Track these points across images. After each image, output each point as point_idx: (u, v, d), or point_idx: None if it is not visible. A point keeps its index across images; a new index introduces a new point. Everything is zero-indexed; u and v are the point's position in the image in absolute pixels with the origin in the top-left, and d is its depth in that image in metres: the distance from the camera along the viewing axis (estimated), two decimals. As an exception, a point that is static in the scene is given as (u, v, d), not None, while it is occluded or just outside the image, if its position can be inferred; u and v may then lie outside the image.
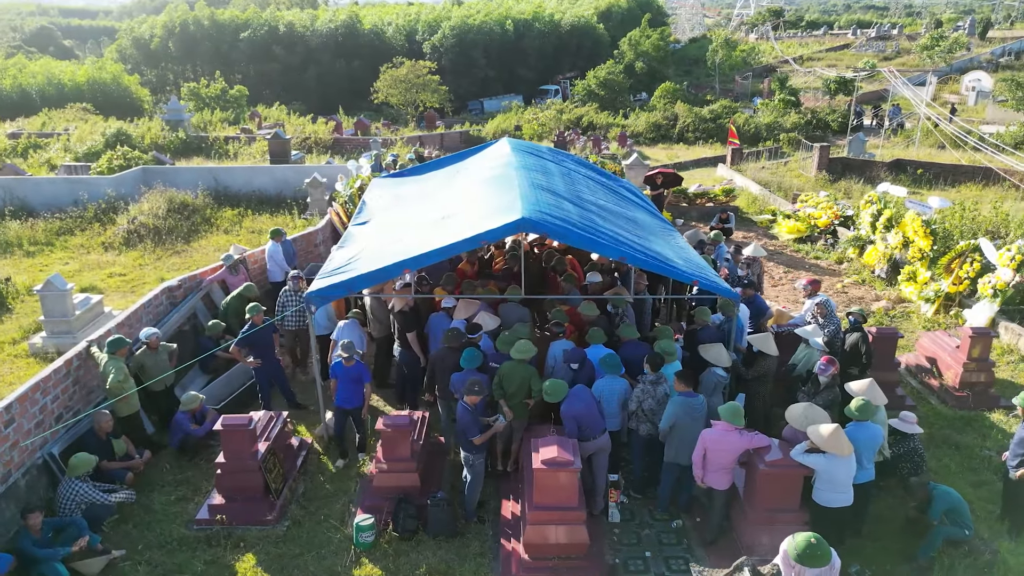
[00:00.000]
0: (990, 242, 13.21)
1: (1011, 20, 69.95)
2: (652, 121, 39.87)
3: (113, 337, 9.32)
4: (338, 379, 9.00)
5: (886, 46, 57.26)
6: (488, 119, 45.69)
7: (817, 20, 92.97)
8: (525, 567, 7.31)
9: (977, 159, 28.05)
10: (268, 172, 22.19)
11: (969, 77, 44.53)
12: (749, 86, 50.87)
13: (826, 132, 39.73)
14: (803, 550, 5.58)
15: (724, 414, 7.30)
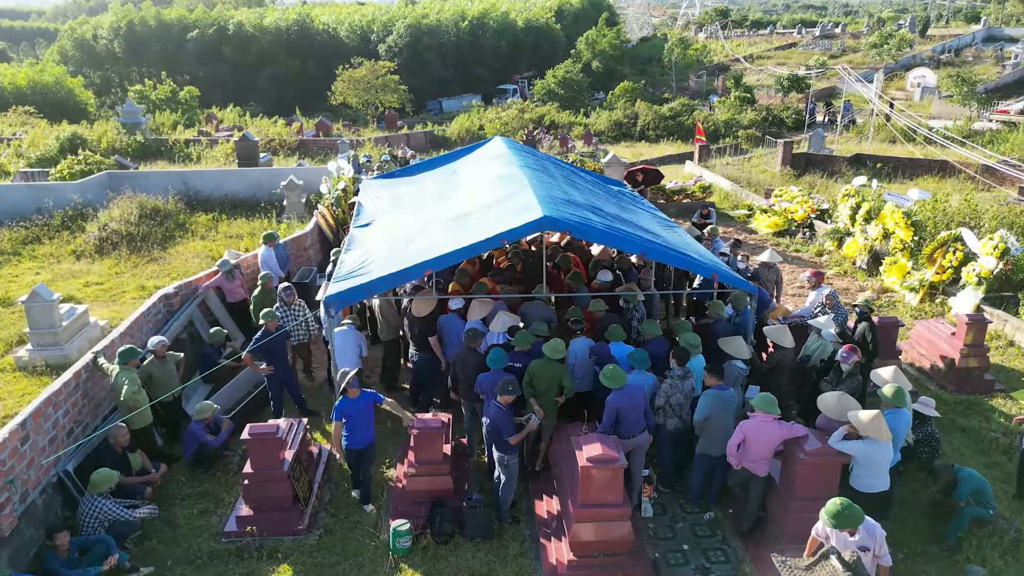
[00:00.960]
0: (971, 231, 13.71)
1: (945, 19, 72.61)
2: (614, 119, 40.32)
3: (125, 347, 9.01)
4: (345, 418, 8.02)
5: (832, 44, 58.89)
6: (448, 119, 45.57)
7: (761, 19, 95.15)
8: (571, 565, 7.31)
9: (929, 152, 29.09)
10: (240, 175, 21.70)
11: (914, 74, 46.11)
12: (704, 84, 51.74)
13: (781, 128, 40.70)
14: (835, 513, 5.87)
15: (759, 404, 7.41)
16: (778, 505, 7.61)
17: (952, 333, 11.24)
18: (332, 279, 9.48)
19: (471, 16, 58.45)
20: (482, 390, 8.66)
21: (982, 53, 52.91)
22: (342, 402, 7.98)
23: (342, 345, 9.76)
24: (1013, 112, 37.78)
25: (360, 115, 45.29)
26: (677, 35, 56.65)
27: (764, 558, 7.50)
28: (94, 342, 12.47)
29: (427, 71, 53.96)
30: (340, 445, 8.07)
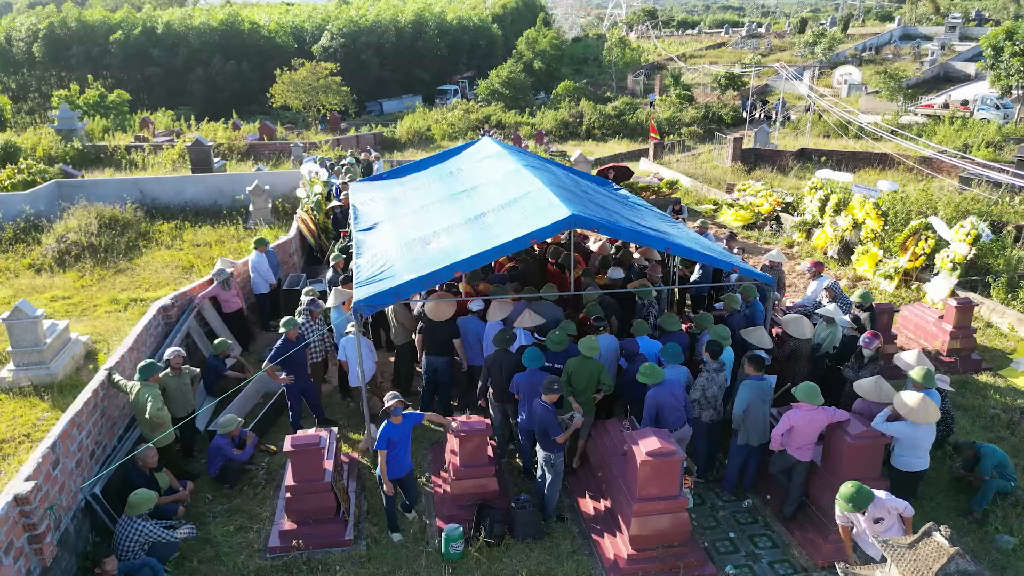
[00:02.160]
0: (940, 219, 14.44)
1: (861, 19, 75.96)
2: (560, 119, 40.70)
3: (146, 362, 8.64)
4: (390, 445, 7.63)
5: (759, 44, 60.85)
6: (390, 120, 45.14)
7: (687, 20, 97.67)
8: (631, 559, 7.39)
9: (869, 145, 30.46)
10: (200, 181, 20.98)
11: (840, 71, 48.12)
12: (642, 83, 52.73)
13: (720, 125, 41.90)
14: (852, 497, 6.25)
15: (803, 396, 7.63)
16: (823, 489, 7.86)
17: (940, 317, 11.82)
18: (355, 284, 9.27)
19: (408, 16, 57.98)
20: (518, 390, 8.68)
21: (901, 50, 55.65)
22: (387, 429, 7.64)
23: (352, 352, 9.62)
24: (937, 106, 39.89)
25: (301, 117, 44.36)
26: (616, 35, 57.46)
27: (811, 541, 7.77)
28: (79, 359, 11.96)
29: (365, 72, 53.24)
30: (386, 475, 7.74)
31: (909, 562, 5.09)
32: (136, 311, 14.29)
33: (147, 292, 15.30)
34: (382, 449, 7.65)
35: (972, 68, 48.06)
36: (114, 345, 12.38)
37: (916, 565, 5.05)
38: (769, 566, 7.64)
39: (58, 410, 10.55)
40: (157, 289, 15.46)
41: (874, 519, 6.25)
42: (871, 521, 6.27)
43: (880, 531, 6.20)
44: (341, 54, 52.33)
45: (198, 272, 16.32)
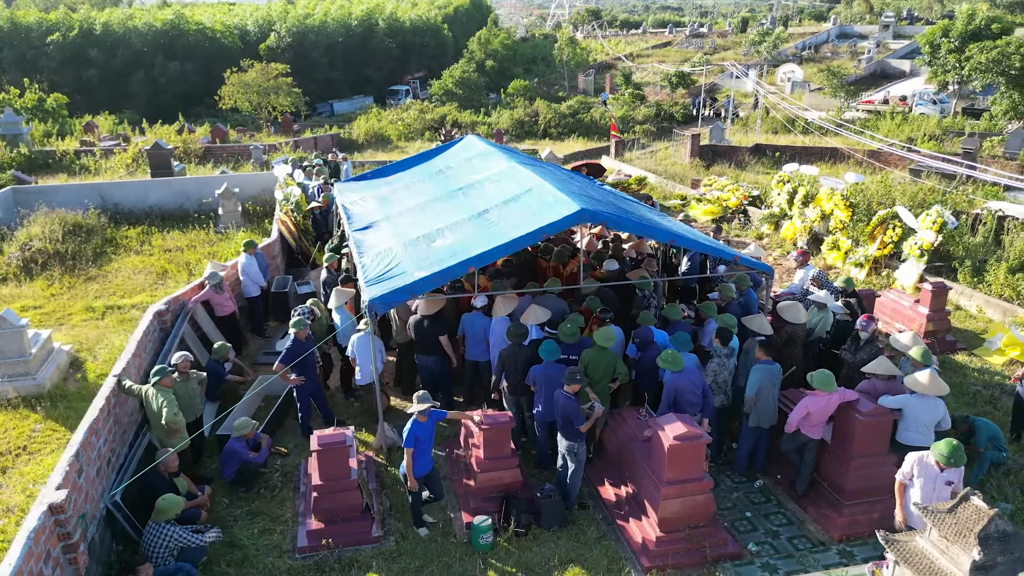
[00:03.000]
0: (906, 209, 15.12)
1: (798, 19, 78.32)
2: (516, 118, 40.84)
3: (159, 366, 8.49)
4: (416, 443, 7.71)
5: (703, 43, 62.21)
6: (343, 121, 44.68)
7: (628, 19, 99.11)
8: (660, 541, 7.61)
9: (819, 140, 31.50)
10: (164, 185, 20.50)
11: (783, 69, 49.52)
12: (592, 82, 53.34)
13: (672, 123, 42.69)
14: (951, 452, 6.50)
15: (819, 384, 7.94)
16: (834, 465, 8.21)
17: (916, 301, 12.41)
18: (365, 283, 9.27)
19: (358, 16, 57.36)
20: (534, 382, 8.83)
21: (838, 49, 57.59)
22: (415, 427, 7.67)
23: (364, 350, 9.63)
24: (877, 102, 41.45)
25: (251, 119, 43.53)
26: (566, 35, 57.98)
27: (825, 516, 8.12)
28: (63, 369, 11.66)
29: (314, 73, 52.46)
30: (412, 473, 7.79)
31: (950, 525, 5.42)
32: (115, 319, 13.96)
33: (123, 299, 14.94)
34: (410, 447, 7.69)
35: (907, 65, 50.05)
36: (101, 354, 12.14)
37: (958, 528, 5.38)
38: (788, 542, 7.96)
39: (52, 421, 10.29)
40: (132, 296, 15.11)
41: (947, 481, 6.59)
42: (944, 482, 6.60)
43: (948, 493, 6.53)
44: (289, 54, 51.49)
45: (173, 278, 16.01)
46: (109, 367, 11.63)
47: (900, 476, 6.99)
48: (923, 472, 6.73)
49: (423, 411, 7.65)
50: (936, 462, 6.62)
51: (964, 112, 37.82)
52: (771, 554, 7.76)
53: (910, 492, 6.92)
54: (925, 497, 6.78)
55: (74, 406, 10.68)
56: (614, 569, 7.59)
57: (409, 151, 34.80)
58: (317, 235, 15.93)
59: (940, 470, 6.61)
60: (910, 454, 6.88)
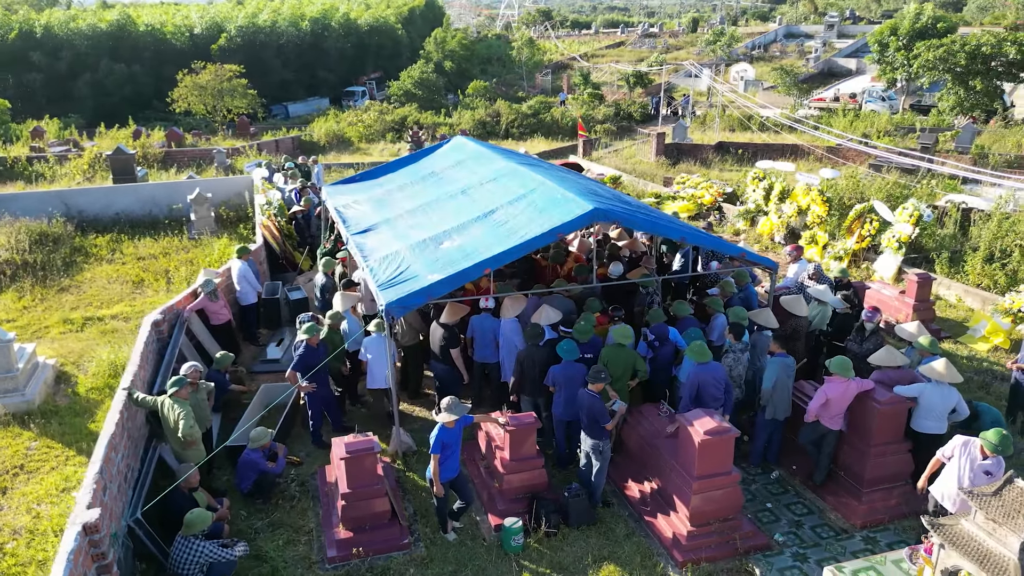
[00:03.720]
0: (882, 203, 15.59)
1: (744, 18, 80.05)
2: (477, 118, 40.79)
3: (176, 376, 8.26)
4: (443, 448, 7.58)
5: (656, 43, 63.08)
6: (299, 123, 44.05)
7: (578, 20, 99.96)
8: (691, 536, 7.70)
9: (780, 137, 32.24)
10: (131, 192, 19.88)
11: (736, 68, 50.52)
12: (550, 82, 53.60)
13: (631, 122, 43.21)
14: (1001, 440, 6.69)
15: (837, 369, 8.14)
16: (852, 454, 8.42)
17: (901, 292, 12.81)
18: (379, 287, 9.15)
19: (310, 16, 56.47)
20: (554, 382, 8.85)
21: (786, 48, 59.01)
22: (442, 433, 7.58)
23: (379, 353, 9.54)
24: (828, 99, 42.60)
25: (205, 122, 42.54)
26: (524, 35, 58.13)
27: (845, 504, 8.33)
28: (50, 384, 11.26)
29: (268, 74, 51.47)
30: (439, 478, 7.71)
31: (997, 508, 5.61)
32: (95, 330, 13.52)
33: (100, 310, 14.48)
34: (437, 453, 7.62)
35: (853, 63, 51.62)
36: (90, 367, 11.73)
37: (1004, 510, 5.57)
38: (812, 531, 8.14)
39: (47, 438, 9.92)
40: (110, 306, 14.66)
41: (985, 471, 6.76)
42: (983, 472, 6.78)
43: (986, 483, 6.71)
44: (241, 56, 50.39)
45: (150, 287, 15.57)
46: (101, 381, 11.32)
47: (940, 453, 7.18)
48: (964, 455, 6.91)
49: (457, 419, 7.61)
50: (981, 448, 6.80)
51: (912, 108, 39.15)
52: (798, 543, 7.92)
53: (945, 471, 7.11)
54: (958, 481, 6.98)
55: (68, 422, 10.33)
56: (648, 565, 7.66)
57: (372, 153, 34.52)
58: (301, 240, 15.66)
59: (984, 458, 6.80)
60: (957, 436, 7.09)
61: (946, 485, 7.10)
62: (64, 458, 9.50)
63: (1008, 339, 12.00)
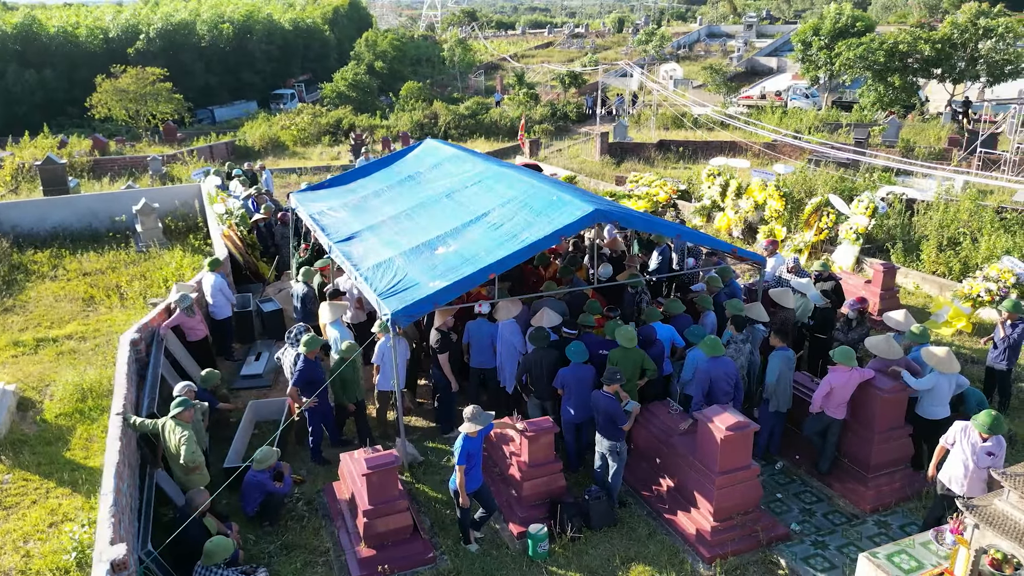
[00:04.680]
0: (837, 196, 16.17)
1: (666, 19, 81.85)
2: (415, 120, 40.36)
3: (180, 399, 7.82)
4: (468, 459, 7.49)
5: (584, 43, 63.83)
6: (229, 128, 42.67)
7: (502, 20, 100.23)
8: (715, 531, 7.79)
9: (716, 134, 33.10)
10: (67, 204, 18.83)
11: (665, 67, 51.56)
12: (482, 83, 53.53)
13: (567, 122, 43.59)
14: (992, 422, 6.95)
15: (841, 358, 8.38)
16: (856, 441, 8.68)
17: (867, 281, 13.30)
18: (380, 296, 8.91)
19: (231, 17, 54.62)
20: (563, 384, 8.82)
21: (710, 48, 60.62)
22: (467, 442, 7.46)
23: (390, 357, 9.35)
24: (755, 97, 43.98)
25: (128, 128, 40.70)
26: (455, 36, 57.83)
27: (853, 490, 8.58)
28: (14, 413, 10.56)
29: (190, 78, 49.59)
30: (465, 489, 7.57)
31: (1030, 486, 5.87)
32: (50, 352, 12.75)
33: (52, 330, 13.67)
34: (462, 464, 7.48)
35: (774, 62, 53.45)
36: (56, 392, 11.04)
37: (1038, 488, 5.83)
38: (824, 518, 8.36)
39: (21, 470, 9.29)
40: (62, 326, 13.86)
41: (988, 452, 7.04)
42: (985, 453, 7.05)
43: (990, 463, 6.99)
44: (162, 59, 48.43)
45: (102, 304, 14.78)
46: (69, 406, 10.71)
47: (943, 441, 7.45)
48: (965, 441, 7.19)
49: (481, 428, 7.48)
50: (979, 433, 7.08)
51: (834, 104, 40.79)
52: (814, 532, 8.12)
53: (950, 457, 7.39)
54: (963, 465, 7.24)
55: (41, 452, 9.70)
56: (675, 563, 7.70)
57: (311, 158, 33.73)
58: (264, 249, 15.14)
59: (983, 440, 7.10)
60: (956, 422, 7.37)
61: (953, 470, 7.37)
62: (44, 491, 8.91)
63: (970, 323, 12.62)
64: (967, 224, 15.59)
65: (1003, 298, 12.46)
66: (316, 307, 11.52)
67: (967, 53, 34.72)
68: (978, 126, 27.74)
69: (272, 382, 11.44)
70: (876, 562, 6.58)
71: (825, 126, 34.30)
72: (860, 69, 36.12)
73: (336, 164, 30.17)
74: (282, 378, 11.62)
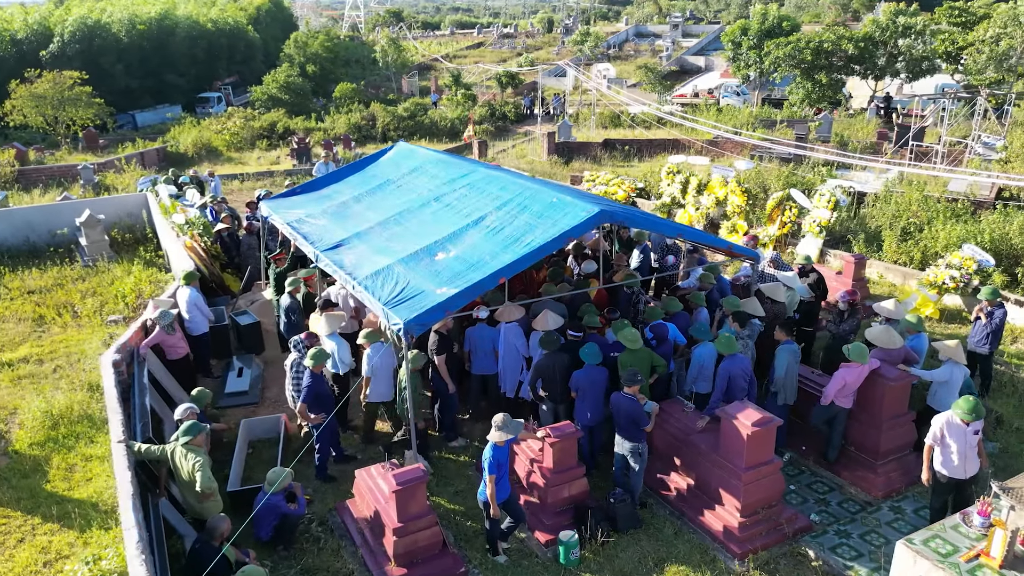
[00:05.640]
0: (798, 191, 16.62)
1: (592, 19, 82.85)
2: (352, 122, 39.62)
3: (189, 422, 7.38)
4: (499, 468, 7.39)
5: (516, 43, 63.99)
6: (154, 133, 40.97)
7: (428, 20, 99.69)
8: (743, 526, 7.85)
9: (659, 132, 33.66)
10: (3, 218, 17.64)
11: (597, 67, 52.17)
12: (416, 84, 53.00)
13: (506, 122, 43.59)
14: (972, 408, 7.22)
15: (855, 356, 8.53)
16: (864, 429, 8.90)
17: (838, 272, 13.71)
18: (388, 305, 8.62)
19: (147, 17, 52.32)
20: (578, 387, 8.75)
21: (639, 47, 61.68)
22: (497, 452, 7.30)
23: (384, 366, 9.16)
24: (689, 95, 44.95)
25: (44, 135, 38.57)
26: (387, 36, 56.96)
27: (862, 478, 8.80)
28: (-23, 442, 9.77)
29: (109, 81, 47.29)
30: (495, 499, 7.40)
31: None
32: (6, 377, 11.91)
33: (3, 353, 12.77)
34: (493, 474, 7.32)
35: (702, 61, 54.81)
36: (26, 420, 10.29)
37: (1073, 467, 6.08)
38: (840, 507, 8.54)
39: (6, 508, 8.58)
40: (14, 348, 13.00)
41: (974, 431, 7.31)
42: (972, 433, 7.32)
43: (977, 438, 7.27)
44: (78, 62, 46.02)
45: (55, 323, 13.88)
46: (41, 434, 10.04)
47: (930, 439, 7.63)
48: (952, 432, 7.45)
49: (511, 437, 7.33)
50: (962, 420, 7.35)
51: (764, 102, 42.08)
52: (833, 521, 8.28)
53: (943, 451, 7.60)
54: (960, 452, 7.52)
55: (18, 485, 9.03)
56: (706, 560, 7.73)
57: (248, 163, 32.64)
58: (228, 260, 14.51)
59: (966, 425, 7.36)
60: (936, 417, 7.57)
61: (950, 460, 7.58)
62: (30, 527, 8.27)
63: (937, 310, 13.16)
64: (916, 215, 16.28)
65: (967, 284, 13.07)
66: (301, 319, 11.12)
67: (887, 50, 36.35)
68: (907, 120, 29.02)
69: (259, 398, 10.97)
70: (915, 548, 6.72)
71: (760, 123, 35.36)
72: (789, 67, 37.39)
73: (279, 169, 29.31)
74: (269, 394, 11.24)
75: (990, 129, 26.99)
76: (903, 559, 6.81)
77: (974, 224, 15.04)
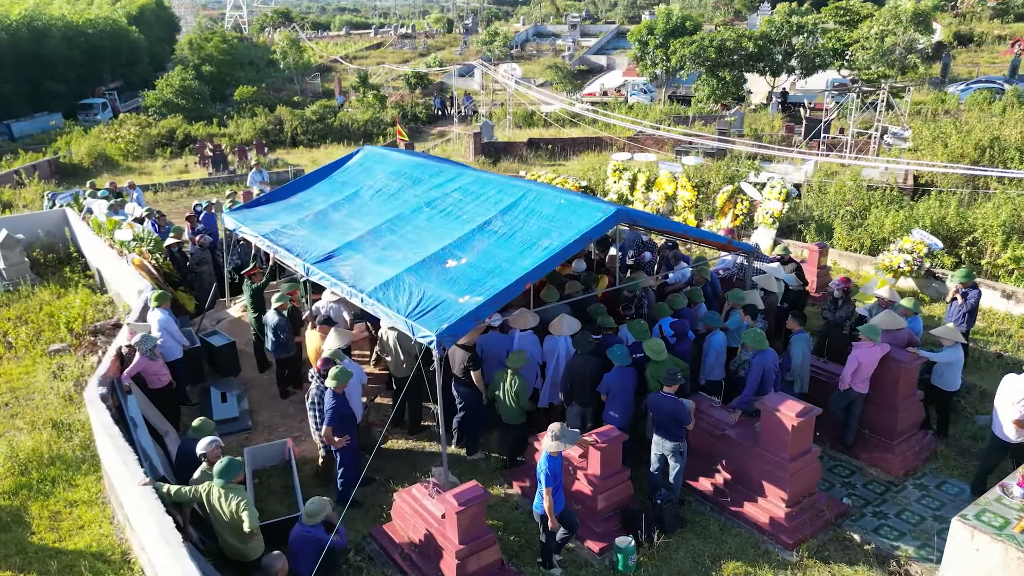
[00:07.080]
0: (748, 184, 17.14)
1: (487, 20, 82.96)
2: (259, 126, 38.01)
3: (227, 460, 6.71)
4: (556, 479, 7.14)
5: (416, 44, 63.21)
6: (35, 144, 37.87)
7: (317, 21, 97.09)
8: (790, 516, 7.94)
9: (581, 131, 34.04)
10: (-100, 239, 15.74)
11: (504, 67, 52.24)
12: (319, 85, 51.43)
13: (417, 123, 43.00)
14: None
15: (868, 333, 8.84)
16: (879, 411, 9.20)
17: (803, 261, 14.20)
18: (410, 317, 8.19)
19: (14, 19, 48.23)
20: (608, 390, 8.64)
21: (541, 47, 62.23)
22: (552, 463, 7.07)
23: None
24: (598, 94, 45.70)
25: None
26: (287, 37, 54.82)
27: (881, 459, 9.11)
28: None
29: (-28, 89, 43.42)
30: (553, 511, 7.17)
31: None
32: (-53, 418, 10.60)
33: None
34: (550, 486, 7.10)
35: (604, 59, 55.84)
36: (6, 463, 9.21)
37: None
38: (866, 488, 8.80)
39: (-10, 559, 7.63)
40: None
41: (1015, 400, 7.70)
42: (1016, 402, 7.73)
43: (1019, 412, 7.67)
44: (-60, 68, 42.02)
45: (-12, 356, 12.53)
46: (11, 481, 9.03)
47: None
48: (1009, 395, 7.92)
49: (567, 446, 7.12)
50: None
51: (670, 99, 43.34)
52: (864, 503, 8.52)
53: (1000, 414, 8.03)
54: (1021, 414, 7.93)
55: (2, 540, 8.02)
56: (760, 553, 7.77)
57: (154, 173, 30.66)
58: (182, 277, 13.49)
59: None
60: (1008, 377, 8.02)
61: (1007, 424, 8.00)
62: (30, 584, 7.37)
63: (895, 292, 13.85)
64: (851, 203, 17.14)
65: (920, 267, 13.82)
66: (291, 338, 10.48)
67: (783, 48, 38.22)
68: (816, 114, 30.58)
69: (250, 424, 10.24)
70: (970, 524, 6.97)
71: (671, 119, 36.38)
72: (694, 65, 38.68)
73: (192, 178, 27.72)
74: (259, 418, 10.54)
75: (892, 120, 28.79)
76: (960, 535, 7.05)
77: (911, 210, 15.95)
